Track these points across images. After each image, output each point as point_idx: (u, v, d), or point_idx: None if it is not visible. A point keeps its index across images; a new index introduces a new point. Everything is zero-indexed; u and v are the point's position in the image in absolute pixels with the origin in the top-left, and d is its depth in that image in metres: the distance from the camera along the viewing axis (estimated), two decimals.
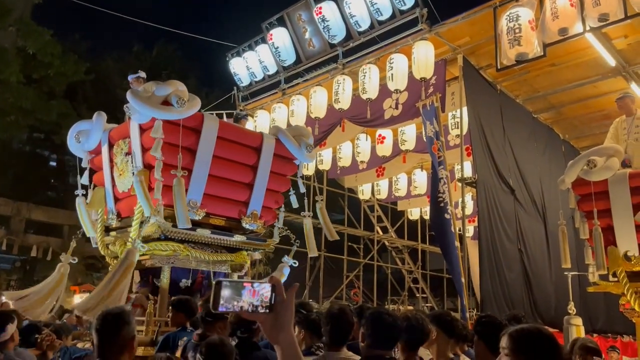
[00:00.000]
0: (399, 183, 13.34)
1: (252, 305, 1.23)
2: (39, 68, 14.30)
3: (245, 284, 1.24)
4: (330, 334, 3.06)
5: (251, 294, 1.23)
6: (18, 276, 23.82)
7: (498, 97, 9.38)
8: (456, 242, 7.49)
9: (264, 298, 1.24)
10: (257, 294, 1.23)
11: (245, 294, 1.23)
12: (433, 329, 3.22)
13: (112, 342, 2.17)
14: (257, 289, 1.24)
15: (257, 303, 1.23)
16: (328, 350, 3.04)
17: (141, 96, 4.85)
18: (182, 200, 4.68)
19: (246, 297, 1.23)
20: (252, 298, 1.23)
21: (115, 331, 2.19)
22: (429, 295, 16.13)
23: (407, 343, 2.99)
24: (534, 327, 1.93)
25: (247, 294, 1.23)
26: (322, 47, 10.01)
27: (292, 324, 1.28)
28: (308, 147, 5.84)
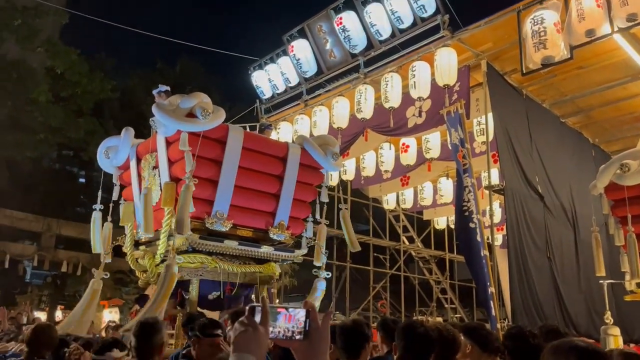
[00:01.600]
0: (424, 192, 13.19)
1: (287, 331, 1.19)
2: (67, 87, 14.65)
3: (280, 309, 1.20)
4: (344, 348, 3.00)
5: (287, 320, 1.20)
6: (49, 291, 24.22)
7: (524, 102, 9.23)
8: (484, 251, 7.33)
9: (299, 324, 1.20)
10: (293, 319, 1.20)
11: (280, 320, 1.19)
12: (467, 342, 3.14)
13: (147, 346, 2.59)
14: (292, 314, 1.20)
15: (293, 329, 1.19)
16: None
17: (166, 109, 4.91)
18: (186, 206, 4.67)
19: (282, 323, 1.19)
20: (287, 324, 1.19)
21: (149, 336, 2.61)
22: (457, 306, 15.86)
23: (439, 356, 2.92)
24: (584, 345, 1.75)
25: (282, 319, 1.19)
26: (343, 57, 10.02)
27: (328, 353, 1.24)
28: (334, 156, 5.83)
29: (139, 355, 2.59)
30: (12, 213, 18.25)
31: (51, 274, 23.21)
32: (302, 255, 6.10)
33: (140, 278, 5.65)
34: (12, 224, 18.53)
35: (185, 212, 4.57)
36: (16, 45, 13.39)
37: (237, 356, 1.19)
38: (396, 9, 8.74)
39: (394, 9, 8.77)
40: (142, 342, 2.60)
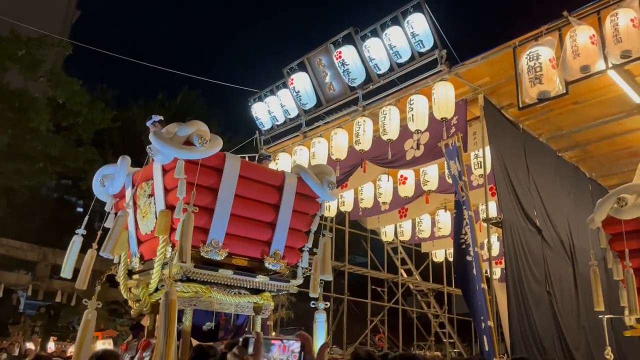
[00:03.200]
0: (422, 224, 13.18)
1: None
2: (68, 116, 14.77)
3: (274, 341, 1.22)
4: None
5: (281, 350, 1.21)
6: (42, 322, 23.85)
7: (521, 136, 9.31)
8: (482, 285, 7.27)
9: (293, 356, 1.20)
10: (287, 350, 1.21)
11: (274, 351, 1.20)
12: None
13: None
14: (287, 345, 1.21)
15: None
16: None
17: (164, 137, 4.91)
18: (188, 236, 4.61)
19: (276, 354, 1.20)
20: (282, 355, 1.20)
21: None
22: (456, 340, 15.63)
23: None
24: None
25: (276, 350, 1.21)
26: (342, 90, 10.15)
27: None
28: (330, 185, 5.79)
29: None
30: (8, 242, 18.13)
31: (45, 304, 22.89)
32: (298, 286, 6.01)
33: (133, 308, 5.56)
34: (8, 253, 18.38)
35: (188, 242, 4.53)
36: (19, 74, 13.56)
37: None
38: (394, 44, 8.91)
39: (392, 44, 8.93)
40: None
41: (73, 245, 5.49)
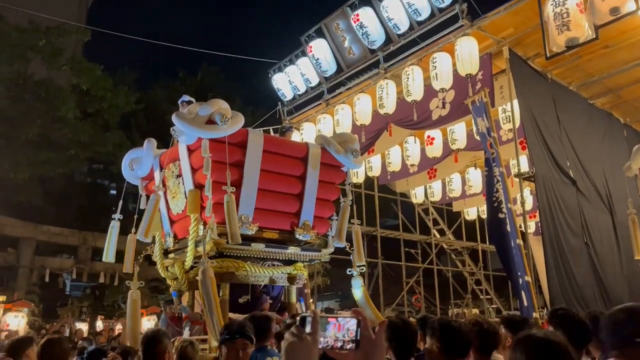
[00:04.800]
0: (452, 184, 13.01)
1: (338, 341, 1.18)
2: (93, 102, 14.98)
3: (330, 319, 1.20)
4: (396, 348, 2.92)
5: (337, 329, 1.19)
6: (89, 302, 24.81)
7: (549, 86, 9.00)
8: (518, 240, 7.18)
9: (350, 333, 1.19)
10: (343, 328, 1.19)
11: (330, 329, 1.19)
12: (507, 334, 3.07)
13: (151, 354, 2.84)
14: (342, 323, 1.19)
15: (344, 338, 1.18)
16: None
17: (186, 118, 4.95)
18: (233, 216, 4.69)
19: (332, 332, 1.19)
20: (337, 333, 1.19)
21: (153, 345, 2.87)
22: (493, 296, 15.60)
23: (479, 348, 2.86)
24: None
25: (332, 328, 1.19)
26: (362, 54, 9.96)
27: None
28: (354, 153, 5.78)
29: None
30: (49, 229, 18.74)
31: (89, 285, 23.75)
32: (331, 254, 6.07)
33: (171, 285, 5.71)
34: (50, 239, 19.03)
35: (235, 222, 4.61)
36: (42, 64, 13.74)
37: None
38: (412, 2, 8.65)
39: (410, 2, 8.67)
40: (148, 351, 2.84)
41: (112, 230, 5.68)
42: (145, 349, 2.84)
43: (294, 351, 1.21)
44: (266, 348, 3.88)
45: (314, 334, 1.20)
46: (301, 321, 1.19)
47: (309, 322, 1.18)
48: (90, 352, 3.75)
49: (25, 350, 3.27)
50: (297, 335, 1.21)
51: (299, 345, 1.21)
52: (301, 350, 1.20)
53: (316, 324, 1.21)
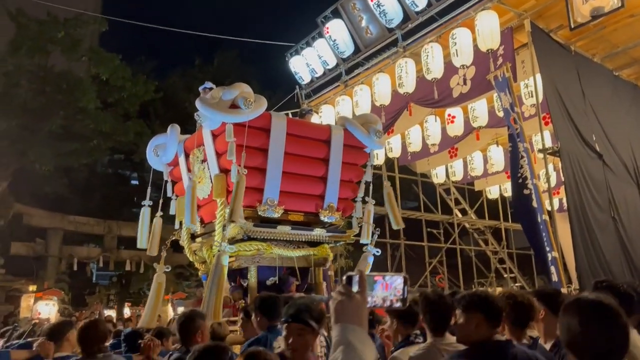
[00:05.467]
0: (474, 162, 12.88)
1: (386, 300, 1.18)
2: (113, 92, 15.13)
3: (377, 277, 1.19)
4: (431, 321, 2.93)
5: (384, 288, 1.18)
6: (116, 290, 25.30)
7: (573, 59, 8.81)
8: (544, 217, 7.10)
9: (397, 292, 1.18)
10: (390, 287, 1.18)
11: (378, 288, 1.18)
12: (541, 307, 3.05)
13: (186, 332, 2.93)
14: (389, 282, 1.19)
15: (391, 297, 1.18)
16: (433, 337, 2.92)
17: (209, 102, 4.96)
18: (240, 196, 4.70)
19: (379, 291, 1.18)
20: (385, 292, 1.18)
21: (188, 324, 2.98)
22: (517, 274, 15.50)
23: (514, 321, 2.85)
24: None
25: (380, 287, 1.18)
26: (380, 33, 9.85)
27: None
28: (377, 133, 5.75)
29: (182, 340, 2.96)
30: (75, 218, 19.10)
31: (116, 273, 24.20)
32: (355, 235, 6.08)
33: (200, 269, 5.80)
34: (76, 229, 19.41)
35: (239, 202, 4.64)
36: (61, 56, 13.89)
37: (340, 327, 1.17)
38: None
39: None
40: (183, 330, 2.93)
41: (143, 217, 5.77)
42: (180, 328, 2.91)
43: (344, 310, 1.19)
44: (276, 327, 3.84)
45: (362, 293, 1.19)
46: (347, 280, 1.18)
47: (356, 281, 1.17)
48: (127, 335, 3.84)
49: (65, 334, 3.35)
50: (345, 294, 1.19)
51: (348, 304, 1.19)
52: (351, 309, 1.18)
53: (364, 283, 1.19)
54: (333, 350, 1.17)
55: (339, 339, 1.16)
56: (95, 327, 3.02)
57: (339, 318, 1.18)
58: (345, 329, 1.16)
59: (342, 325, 1.17)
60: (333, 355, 1.16)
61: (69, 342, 3.36)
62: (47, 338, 3.30)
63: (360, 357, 1.14)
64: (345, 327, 1.16)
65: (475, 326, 2.56)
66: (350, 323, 1.16)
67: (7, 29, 12.95)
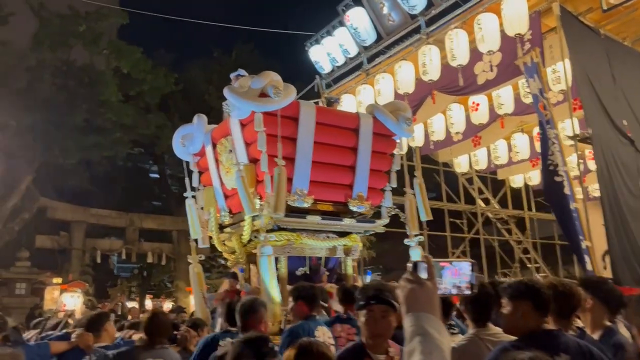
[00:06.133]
0: (498, 150, 12.66)
1: (454, 286, 1.12)
2: (134, 85, 15.20)
3: (444, 263, 1.14)
4: (474, 311, 2.85)
5: (452, 274, 1.13)
6: (137, 282, 25.61)
7: (603, 43, 8.58)
8: (574, 205, 6.95)
9: (464, 278, 1.13)
10: (459, 273, 1.13)
11: (446, 274, 1.13)
12: (587, 297, 2.95)
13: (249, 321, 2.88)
14: (457, 268, 1.13)
15: (460, 284, 1.12)
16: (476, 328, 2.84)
17: (238, 92, 4.91)
18: (282, 189, 4.66)
19: (448, 278, 1.13)
20: (454, 278, 1.13)
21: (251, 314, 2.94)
22: (541, 264, 15.27)
23: (558, 312, 2.76)
24: None
25: (448, 274, 1.13)
26: (402, 20, 9.70)
27: None
28: (407, 121, 5.65)
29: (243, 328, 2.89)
30: (97, 211, 19.33)
31: (137, 266, 24.48)
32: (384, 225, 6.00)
33: (229, 259, 5.78)
34: (99, 222, 19.64)
35: (283, 195, 4.59)
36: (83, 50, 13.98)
37: (413, 316, 1.12)
38: None
39: None
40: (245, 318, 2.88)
41: (190, 209, 5.77)
42: (243, 317, 2.89)
43: (416, 298, 1.13)
44: (315, 317, 3.86)
45: (432, 280, 1.14)
46: (414, 267, 1.13)
47: (424, 268, 1.12)
48: None
49: (103, 324, 3.35)
50: (416, 282, 1.14)
51: (420, 292, 1.13)
52: (423, 297, 1.13)
53: (433, 269, 1.14)
54: (408, 341, 1.11)
55: (414, 329, 1.11)
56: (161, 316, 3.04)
57: (412, 307, 1.13)
58: (420, 317, 1.12)
59: (415, 314, 1.12)
60: (409, 346, 1.11)
61: (107, 333, 3.36)
62: (86, 329, 3.30)
63: (438, 347, 1.10)
64: (419, 316, 1.12)
65: (523, 315, 2.49)
66: (423, 311, 1.12)
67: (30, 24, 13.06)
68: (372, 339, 2.33)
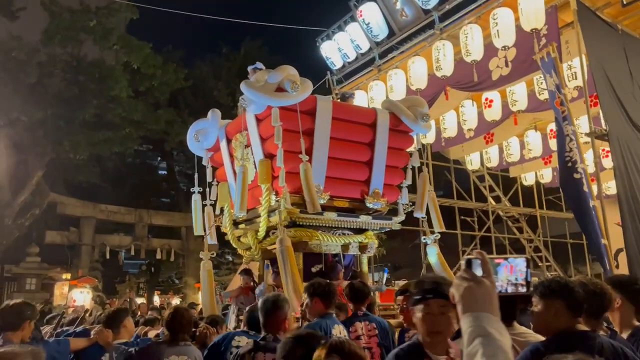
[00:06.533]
0: (510, 148, 12.52)
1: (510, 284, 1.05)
2: (144, 80, 15.17)
3: (498, 260, 1.07)
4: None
5: (508, 271, 1.06)
6: (145, 278, 25.68)
7: (620, 38, 8.43)
8: (593, 202, 6.84)
9: (520, 275, 1.06)
10: (514, 270, 1.06)
11: (501, 272, 1.06)
12: (617, 296, 2.88)
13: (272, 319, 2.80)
14: (513, 265, 1.06)
15: (516, 281, 1.05)
16: None
17: (255, 86, 4.85)
18: (311, 184, 4.60)
19: (503, 275, 1.06)
20: (509, 275, 1.06)
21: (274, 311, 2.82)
22: (552, 263, 15.15)
23: (590, 311, 2.68)
24: None
25: (503, 271, 1.06)
26: (415, 15, 9.59)
27: None
28: (424, 117, 5.58)
29: (265, 326, 2.80)
30: (107, 207, 19.37)
31: (145, 262, 24.54)
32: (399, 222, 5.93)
33: (244, 255, 5.72)
34: (108, 218, 19.68)
35: (312, 191, 4.53)
36: (94, 45, 13.97)
37: (472, 316, 1.05)
38: None
39: None
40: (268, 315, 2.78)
41: (196, 205, 5.73)
42: (266, 314, 2.80)
43: (474, 297, 1.07)
44: (331, 315, 3.71)
45: (489, 277, 1.08)
46: (467, 264, 1.07)
47: (479, 265, 1.06)
48: None
49: (122, 320, 3.31)
50: (472, 279, 1.08)
51: (477, 290, 1.07)
52: (481, 296, 1.07)
53: (489, 266, 1.08)
54: (468, 343, 1.05)
55: (473, 329, 1.05)
56: (182, 314, 3.00)
57: (470, 306, 1.07)
58: (480, 318, 1.05)
59: (474, 314, 1.06)
60: (470, 348, 1.04)
61: (126, 329, 3.32)
62: (104, 325, 3.25)
63: (501, 348, 1.04)
64: (479, 316, 1.06)
65: (555, 314, 2.42)
66: (483, 311, 1.06)
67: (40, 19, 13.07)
68: (430, 336, 2.17)
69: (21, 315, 2.87)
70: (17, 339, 2.73)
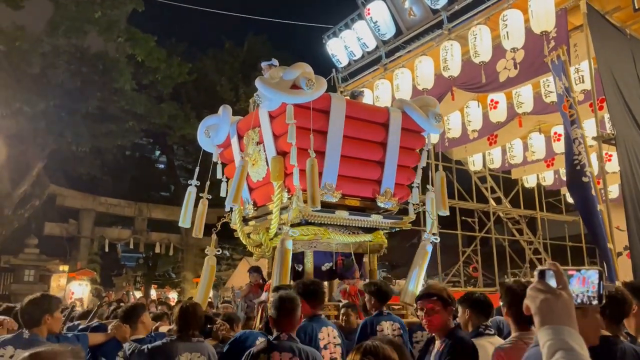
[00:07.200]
0: (513, 150, 12.53)
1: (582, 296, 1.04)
2: (148, 74, 15.13)
3: (571, 271, 1.06)
4: (517, 314, 2.77)
5: (580, 282, 1.05)
6: (142, 272, 25.63)
7: (628, 43, 8.45)
8: (599, 206, 6.85)
9: (592, 287, 1.05)
10: (587, 282, 1.05)
11: (574, 283, 1.05)
12: (634, 302, 2.89)
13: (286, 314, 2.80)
14: (585, 276, 1.05)
15: (588, 293, 1.04)
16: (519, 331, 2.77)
17: (270, 83, 4.83)
18: (314, 181, 4.58)
19: (575, 287, 1.05)
20: (582, 287, 1.05)
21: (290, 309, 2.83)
22: None
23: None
24: None
25: (576, 282, 1.05)
26: (424, 15, 9.58)
27: None
28: (437, 117, 5.57)
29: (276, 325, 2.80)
30: (107, 200, 19.32)
31: (142, 255, 24.49)
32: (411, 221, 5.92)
33: (255, 253, 5.71)
34: (108, 210, 19.63)
35: (316, 187, 4.51)
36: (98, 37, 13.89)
37: (551, 329, 1.04)
38: None
39: None
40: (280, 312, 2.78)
41: (189, 196, 5.66)
42: (281, 313, 2.79)
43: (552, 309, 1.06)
44: (321, 317, 3.68)
45: (566, 289, 1.07)
46: (540, 275, 1.06)
47: (552, 276, 1.05)
48: None
49: (140, 316, 3.30)
50: (549, 292, 1.07)
51: (555, 303, 1.06)
52: (559, 308, 1.06)
53: (564, 278, 1.07)
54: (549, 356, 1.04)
55: (553, 342, 1.04)
56: (192, 310, 2.97)
57: (548, 319, 1.06)
58: (560, 331, 1.04)
59: (554, 327, 1.05)
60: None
61: (143, 325, 3.31)
62: (122, 320, 3.24)
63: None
64: (559, 330, 1.05)
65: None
66: (562, 324, 1.05)
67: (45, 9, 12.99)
68: None
69: (38, 309, 2.86)
70: (42, 334, 2.73)
